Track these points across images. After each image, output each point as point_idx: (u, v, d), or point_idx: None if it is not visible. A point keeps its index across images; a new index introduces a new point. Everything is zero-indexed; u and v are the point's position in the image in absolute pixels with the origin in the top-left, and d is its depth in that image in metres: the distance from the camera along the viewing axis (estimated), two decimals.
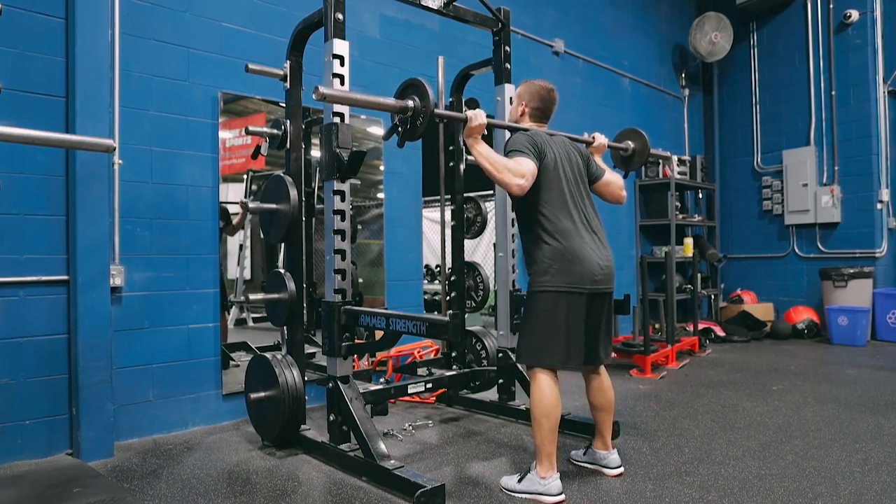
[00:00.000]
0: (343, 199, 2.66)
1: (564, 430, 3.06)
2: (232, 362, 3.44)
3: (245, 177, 3.56)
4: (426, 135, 2.65)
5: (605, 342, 2.53)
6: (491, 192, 3.77)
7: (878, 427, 3.15)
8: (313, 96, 2.17)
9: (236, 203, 3.49)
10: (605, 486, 2.42)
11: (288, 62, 3.02)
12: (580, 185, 2.51)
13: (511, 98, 3.42)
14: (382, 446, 2.49)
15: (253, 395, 2.82)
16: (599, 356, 2.51)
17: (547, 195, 2.39)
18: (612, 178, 2.70)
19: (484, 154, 2.34)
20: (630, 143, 3.16)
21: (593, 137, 2.84)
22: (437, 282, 5.51)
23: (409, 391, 3.17)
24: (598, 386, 2.56)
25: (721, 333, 6.13)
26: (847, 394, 3.88)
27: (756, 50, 7.10)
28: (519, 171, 2.27)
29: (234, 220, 3.50)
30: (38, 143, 2.22)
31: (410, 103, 2.33)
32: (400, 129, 2.39)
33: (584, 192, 2.52)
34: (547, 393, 2.30)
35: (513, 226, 3.46)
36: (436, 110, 2.30)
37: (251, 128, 3.04)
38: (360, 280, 4.13)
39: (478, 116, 2.38)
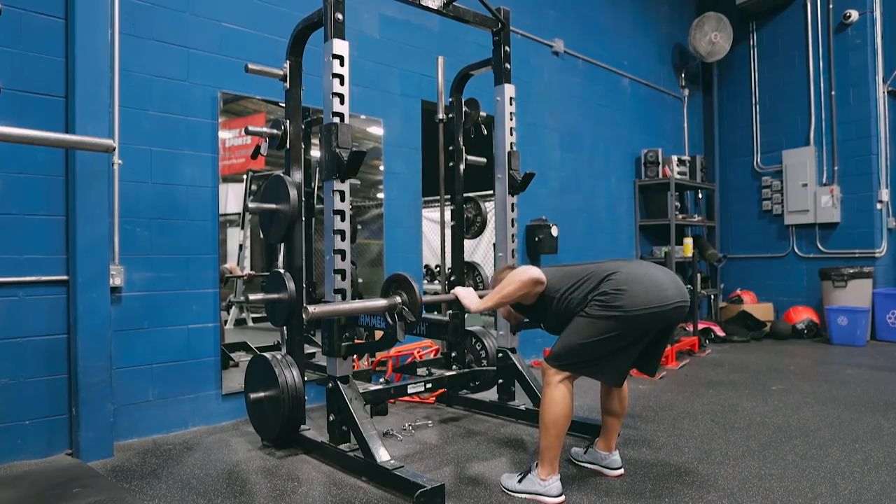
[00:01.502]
0: (343, 199, 2.66)
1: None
2: (232, 362, 3.44)
3: (245, 177, 3.56)
4: (426, 135, 2.66)
5: (659, 356, 2.49)
6: (491, 192, 3.77)
7: (877, 427, 3.15)
8: (303, 316, 2.33)
9: (237, 225, 3.50)
10: (606, 487, 2.42)
11: (288, 62, 3.02)
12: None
13: (511, 98, 3.43)
14: (382, 446, 2.49)
15: (253, 395, 2.82)
16: (657, 369, 2.50)
17: (567, 277, 2.35)
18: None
19: (493, 296, 2.41)
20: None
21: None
22: (437, 282, 5.51)
23: (409, 391, 3.17)
24: (619, 394, 2.55)
25: (721, 333, 6.13)
26: (847, 394, 3.88)
27: (756, 50, 7.10)
28: (527, 268, 2.35)
29: (230, 271, 3.49)
30: (38, 143, 2.22)
31: (398, 299, 2.53)
32: (396, 325, 2.54)
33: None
34: (560, 401, 2.29)
35: (513, 226, 3.46)
36: (424, 298, 2.52)
37: (251, 128, 3.04)
38: (360, 280, 4.13)
39: (460, 292, 2.59)
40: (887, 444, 2.88)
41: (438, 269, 5.13)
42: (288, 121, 3.03)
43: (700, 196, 7.27)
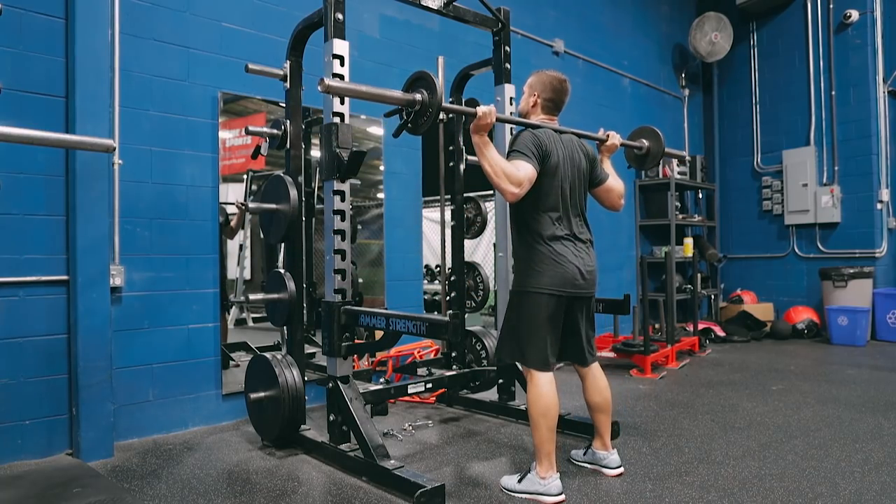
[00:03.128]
0: (343, 199, 2.66)
1: (564, 430, 3.07)
2: (232, 362, 3.44)
3: (245, 177, 3.56)
4: (426, 135, 2.65)
5: (588, 343, 2.55)
6: (491, 192, 3.77)
7: (878, 427, 3.15)
8: (318, 88, 2.14)
9: (233, 204, 3.48)
10: (605, 486, 2.42)
11: (288, 62, 3.02)
12: (578, 191, 2.50)
13: (511, 98, 3.43)
14: (382, 446, 2.49)
15: (253, 395, 2.82)
16: (585, 358, 2.54)
17: (543, 201, 2.39)
18: (614, 185, 2.69)
19: (486, 154, 2.29)
20: (645, 141, 3.10)
21: (608, 136, 2.78)
22: (437, 282, 5.51)
23: (409, 391, 3.17)
24: (592, 385, 2.56)
25: (721, 333, 6.13)
26: (847, 394, 3.88)
27: (756, 50, 7.10)
28: (517, 178, 2.24)
29: (232, 221, 3.50)
30: (38, 143, 2.22)
31: (418, 96, 2.30)
32: (409, 122, 2.35)
33: (580, 198, 2.52)
34: (543, 392, 2.31)
35: (510, 226, 3.45)
36: (444, 104, 2.27)
37: (251, 128, 3.04)
38: (360, 280, 4.13)
39: (489, 114, 2.32)
40: (887, 444, 2.88)
41: (438, 268, 5.13)
42: (288, 121, 3.03)
43: (700, 196, 7.27)
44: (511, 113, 3.44)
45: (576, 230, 2.44)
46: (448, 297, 3.80)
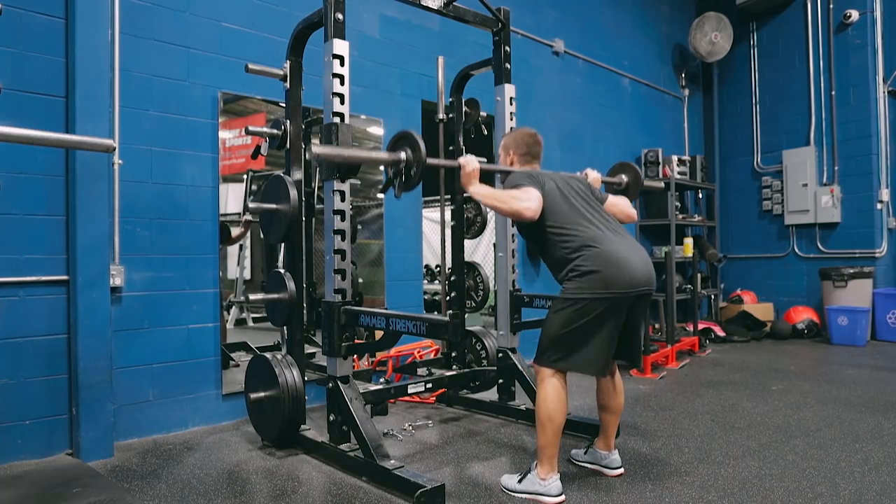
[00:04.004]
0: (343, 199, 2.66)
1: (565, 430, 3.05)
2: (232, 362, 3.44)
3: (245, 177, 3.56)
4: (426, 135, 2.66)
5: (640, 344, 2.54)
6: None
7: (878, 427, 3.15)
8: (307, 156, 2.23)
9: (238, 222, 3.49)
10: (606, 486, 2.42)
11: (288, 62, 3.02)
12: (591, 202, 2.49)
13: (511, 98, 3.43)
14: (382, 446, 2.49)
15: (253, 395, 2.82)
16: (638, 358, 2.53)
17: (560, 216, 2.37)
18: (617, 200, 2.72)
19: (486, 193, 2.39)
20: (623, 176, 3.22)
21: (585, 174, 2.86)
22: (437, 282, 5.51)
23: (409, 391, 3.17)
24: (611, 389, 2.55)
25: (721, 333, 6.13)
26: (847, 394, 3.88)
27: (756, 50, 7.10)
28: (525, 196, 2.29)
29: (234, 234, 3.50)
30: (38, 143, 2.22)
31: (403, 155, 2.41)
32: (395, 181, 2.45)
33: (597, 206, 2.51)
34: (554, 396, 2.30)
35: (513, 226, 3.46)
36: (428, 160, 2.37)
37: (251, 128, 3.04)
38: (360, 280, 4.13)
39: (469, 162, 2.46)
40: (887, 444, 2.88)
41: (438, 268, 5.13)
42: (288, 121, 3.03)
43: (700, 196, 7.27)
44: (511, 113, 3.44)
45: (610, 228, 2.40)
46: (448, 297, 3.81)
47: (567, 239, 2.34)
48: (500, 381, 3.47)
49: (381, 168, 4.18)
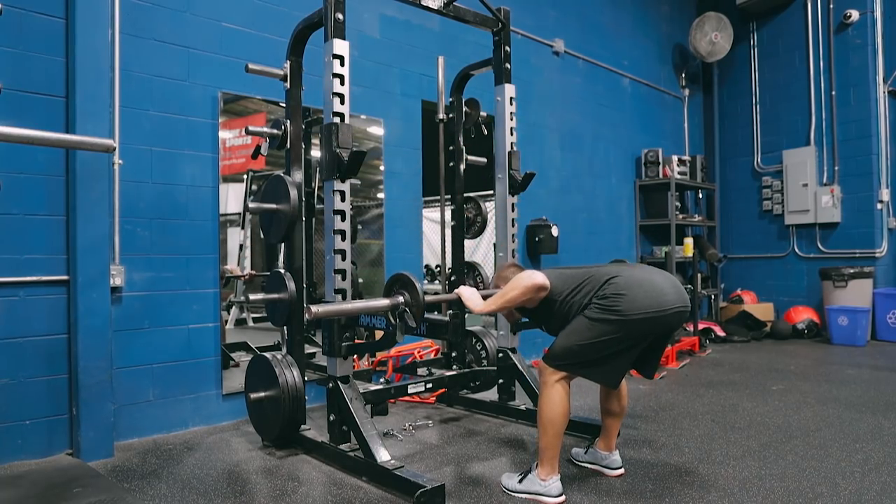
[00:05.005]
0: (343, 199, 2.66)
1: (566, 429, 3.06)
2: (232, 362, 3.44)
3: (245, 177, 3.56)
4: (426, 135, 2.66)
5: (659, 360, 2.52)
6: (491, 192, 3.77)
7: (878, 427, 3.15)
8: (306, 316, 2.32)
9: (238, 223, 3.50)
10: (606, 486, 2.42)
11: (288, 62, 3.02)
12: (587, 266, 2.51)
13: (511, 98, 3.43)
14: (382, 446, 2.49)
15: (253, 395, 2.82)
16: (655, 371, 2.51)
17: (570, 280, 2.36)
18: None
19: (496, 298, 2.41)
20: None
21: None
22: (437, 282, 5.51)
23: (409, 391, 3.17)
24: (617, 394, 2.55)
25: (721, 333, 6.13)
26: (847, 394, 3.88)
27: (756, 50, 7.10)
28: (531, 273, 2.35)
29: (231, 272, 3.49)
30: (38, 143, 2.22)
31: (401, 298, 2.51)
32: (397, 324, 2.54)
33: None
34: (557, 401, 2.29)
35: (513, 226, 3.46)
36: (426, 298, 2.47)
37: (251, 128, 3.04)
38: (361, 280, 4.13)
39: (464, 292, 2.57)
40: (888, 444, 2.87)
41: (439, 269, 5.13)
42: (288, 121, 3.03)
43: (700, 196, 7.27)
44: (511, 113, 3.44)
45: (626, 263, 2.44)
46: None
47: (585, 290, 2.30)
48: (501, 381, 3.47)
49: (382, 168, 4.19)
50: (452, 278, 3.77)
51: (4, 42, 2.68)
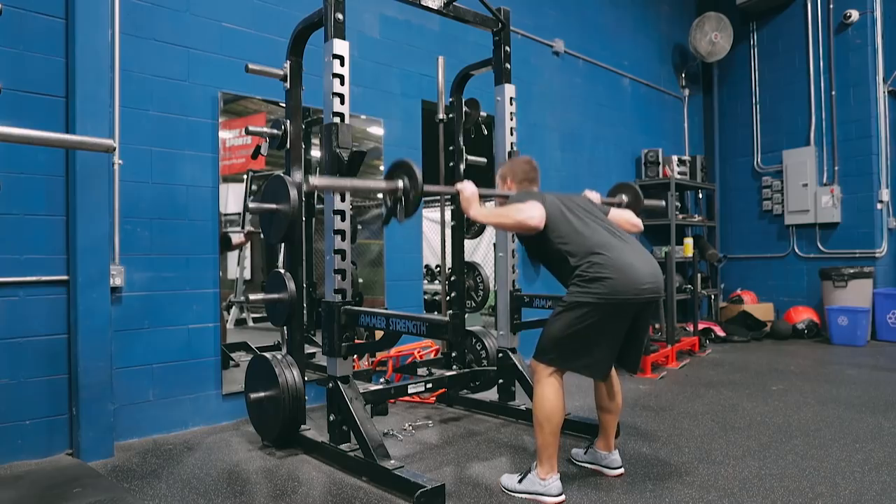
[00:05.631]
0: (343, 199, 2.66)
1: (565, 430, 3.03)
2: (232, 362, 3.44)
3: (245, 177, 3.56)
4: (426, 135, 2.66)
5: (641, 352, 2.54)
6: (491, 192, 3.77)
7: (878, 427, 3.15)
8: (305, 188, 2.24)
9: (238, 225, 3.50)
10: (606, 486, 2.42)
11: (288, 62, 3.02)
12: (594, 212, 2.49)
13: (511, 98, 3.43)
14: (383, 446, 2.49)
15: (253, 395, 2.82)
16: (637, 364, 2.53)
17: (564, 227, 2.37)
18: (621, 211, 2.72)
19: (488, 213, 2.40)
20: (623, 196, 3.22)
21: (584, 194, 2.85)
22: (437, 282, 5.51)
23: (409, 391, 3.17)
24: (609, 390, 2.55)
25: (721, 333, 6.13)
26: (847, 394, 3.88)
27: (756, 50, 7.10)
28: (527, 205, 2.31)
29: (235, 242, 3.50)
30: (38, 143, 2.22)
31: (400, 183, 2.41)
32: (395, 209, 2.46)
33: (600, 216, 2.50)
34: (551, 396, 2.30)
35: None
36: (425, 187, 2.38)
37: (251, 128, 3.04)
38: (360, 280, 4.13)
39: (467, 187, 2.45)
40: (888, 444, 2.88)
41: (439, 268, 5.13)
42: (288, 121, 3.03)
43: (700, 196, 7.27)
44: (511, 113, 3.44)
45: (616, 234, 2.40)
46: (448, 297, 3.80)
47: (573, 249, 2.33)
48: (500, 381, 3.47)
49: (382, 168, 4.18)
50: (452, 278, 3.77)
51: (4, 42, 2.68)
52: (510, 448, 2.92)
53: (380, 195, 2.49)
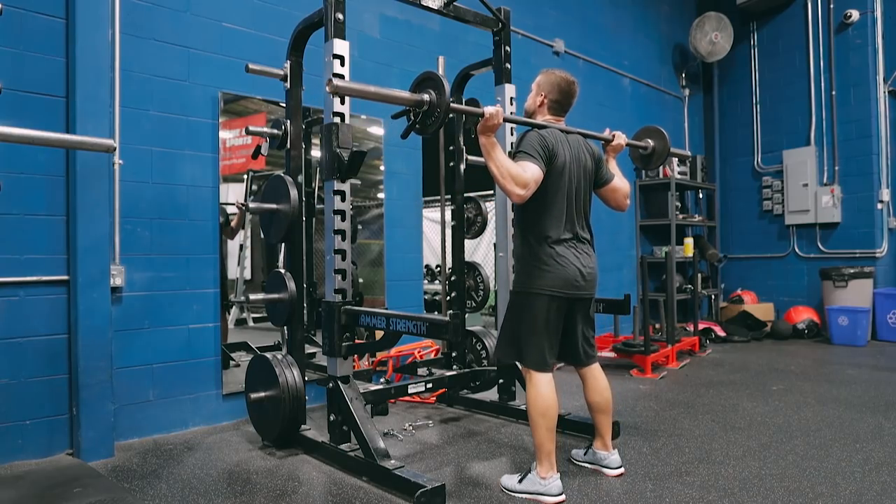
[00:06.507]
0: (343, 199, 2.66)
1: (565, 430, 3.07)
2: (232, 362, 3.44)
3: (245, 177, 3.56)
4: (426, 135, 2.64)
5: (586, 344, 2.56)
6: (491, 192, 3.77)
7: (878, 427, 3.15)
8: (326, 88, 2.15)
9: (233, 204, 3.49)
10: (606, 486, 2.42)
11: (288, 62, 3.02)
12: (584, 192, 2.50)
13: (511, 98, 3.43)
14: (383, 446, 2.49)
15: (253, 395, 2.82)
16: (581, 358, 2.54)
17: (549, 202, 2.38)
18: (620, 185, 2.68)
19: (493, 155, 2.27)
20: (650, 141, 3.10)
21: (613, 136, 2.78)
22: (437, 282, 5.51)
23: (410, 391, 3.17)
24: (593, 386, 2.56)
25: (721, 333, 6.12)
26: (847, 394, 3.88)
27: (756, 50, 7.10)
28: (522, 180, 2.24)
29: (233, 222, 3.50)
30: (39, 143, 2.22)
31: (426, 97, 2.27)
32: (416, 123, 2.32)
33: (585, 198, 2.51)
34: (542, 392, 2.31)
35: (513, 226, 3.45)
36: (452, 104, 2.25)
37: (251, 128, 3.04)
38: (361, 280, 4.13)
39: (497, 114, 2.28)
40: (888, 444, 2.87)
41: (439, 268, 5.13)
42: (288, 121, 3.03)
43: (700, 196, 7.27)
44: (511, 112, 3.44)
45: (578, 231, 2.45)
46: (448, 297, 3.80)
47: (540, 230, 2.38)
48: (501, 381, 3.47)
49: (382, 168, 4.19)
50: (452, 278, 3.77)
51: (4, 42, 2.68)
52: (510, 448, 2.92)
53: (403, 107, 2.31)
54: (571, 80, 2.59)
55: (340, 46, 2.63)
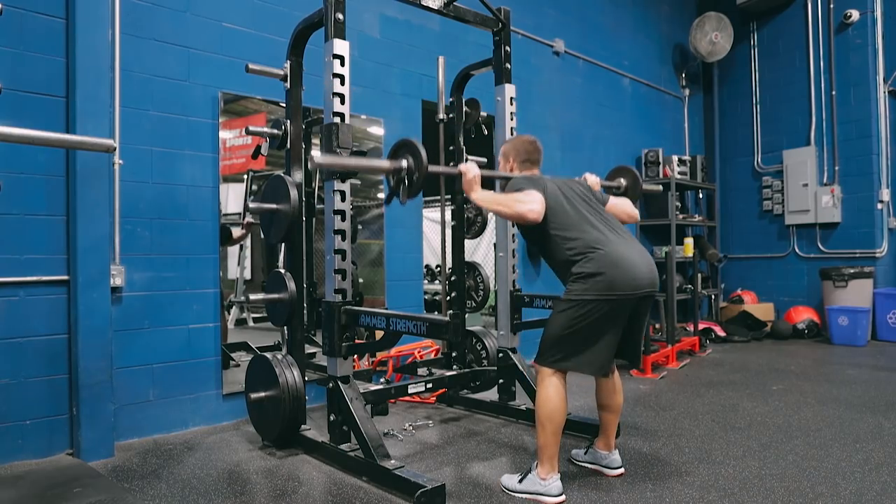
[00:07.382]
0: (343, 199, 2.66)
1: (565, 430, 3.05)
2: (232, 362, 3.44)
3: (245, 177, 3.56)
4: (427, 135, 2.66)
5: (641, 345, 2.55)
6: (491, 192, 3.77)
7: (878, 427, 3.15)
8: (309, 166, 2.26)
9: (240, 223, 3.50)
10: (606, 486, 2.42)
11: (288, 62, 3.02)
12: (593, 204, 2.50)
13: (511, 98, 3.44)
14: (383, 446, 2.49)
15: (253, 395, 2.82)
16: (639, 359, 2.56)
17: (563, 218, 2.38)
18: (618, 201, 2.72)
19: (489, 198, 2.41)
20: (622, 180, 3.23)
21: (584, 178, 2.87)
22: (437, 282, 5.51)
23: (410, 391, 3.17)
24: (611, 388, 2.55)
25: (721, 333, 6.13)
26: (847, 394, 3.88)
27: (756, 50, 7.10)
28: (528, 198, 2.30)
29: (235, 235, 3.51)
30: (39, 143, 2.22)
31: (404, 163, 2.40)
32: (398, 189, 2.46)
33: (599, 208, 2.51)
34: (553, 396, 2.31)
35: (513, 226, 3.46)
36: (430, 168, 2.36)
37: (251, 128, 3.04)
38: (361, 280, 4.13)
39: (470, 169, 2.46)
40: (888, 444, 2.87)
41: (439, 268, 5.13)
42: (288, 121, 3.03)
43: (700, 196, 7.26)
44: (511, 113, 3.44)
45: (612, 229, 2.40)
46: (448, 297, 3.80)
47: (570, 242, 2.34)
48: (501, 381, 3.47)
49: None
50: (452, 278, 3.77)
51: (4, 42, 2.68)
52: (510, 448, 2.92)
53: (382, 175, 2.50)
54: (532, 139, 2.76)
55: (340, 46, 2.63)
